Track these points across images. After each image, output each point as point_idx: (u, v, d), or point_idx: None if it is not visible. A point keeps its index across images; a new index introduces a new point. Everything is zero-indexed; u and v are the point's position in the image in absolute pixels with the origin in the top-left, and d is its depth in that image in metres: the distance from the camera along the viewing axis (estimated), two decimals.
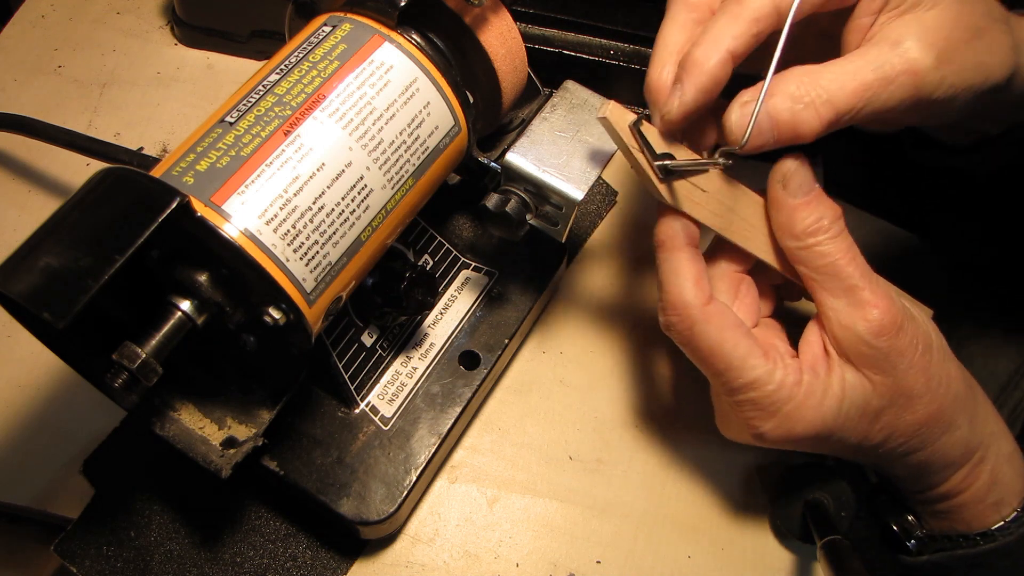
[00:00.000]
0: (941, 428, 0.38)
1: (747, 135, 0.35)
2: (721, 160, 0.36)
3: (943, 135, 0.46)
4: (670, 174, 0.36)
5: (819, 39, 0.40)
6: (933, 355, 0.37)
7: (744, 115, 0.35)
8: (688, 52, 0.36)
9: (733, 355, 0.36)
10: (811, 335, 0.38)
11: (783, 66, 0.35)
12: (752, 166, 0.39)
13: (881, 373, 0.36)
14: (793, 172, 0.37)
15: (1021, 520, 0.39)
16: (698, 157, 0.37)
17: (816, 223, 0.36)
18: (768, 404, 0.36)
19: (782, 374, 0.36)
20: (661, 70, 0.37)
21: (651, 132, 0.36)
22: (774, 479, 0.47)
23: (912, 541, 0.42)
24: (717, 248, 0.40)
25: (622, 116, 0.35)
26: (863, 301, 0.36)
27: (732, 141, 0.36)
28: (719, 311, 0.37)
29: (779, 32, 0.35)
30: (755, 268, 0.40)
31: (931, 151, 0.48)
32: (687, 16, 0.38)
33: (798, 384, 0.36)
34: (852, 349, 0.36)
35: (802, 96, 0.35)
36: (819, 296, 0.37)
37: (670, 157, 0.36)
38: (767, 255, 0.39)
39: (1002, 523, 0.40)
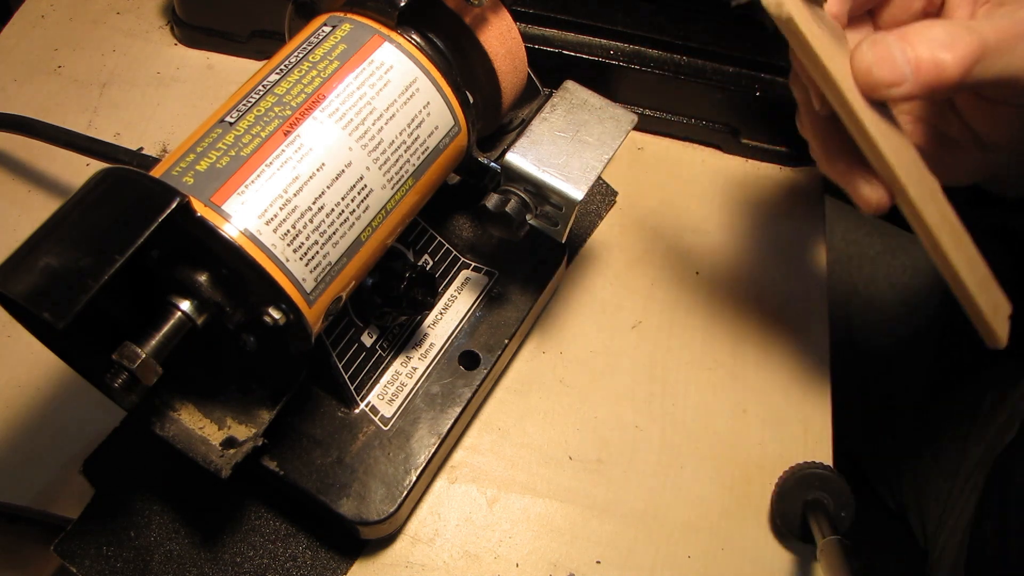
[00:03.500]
0: None
1: None
2: None
3: (1005, 188, 0.44)
4: None
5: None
6: None
7: (876, 50, 0.33)
8: None
9: None
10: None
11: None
12: None
13: None
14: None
15: None
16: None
17: None
18: None
19: None
20: None
21: None
22: (774, 479, 0.47)
23: None
24: None
25: None
26: None
27: (861, 81, 0.33)
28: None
29: None
30: None
31: (988, 209, 0.46)
32: None
33: None
34: None
35: (936, 33, 0.33)
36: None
37: None
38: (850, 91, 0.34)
39: None
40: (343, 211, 0.34)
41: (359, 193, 0.35)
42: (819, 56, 0.32)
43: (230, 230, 0.31)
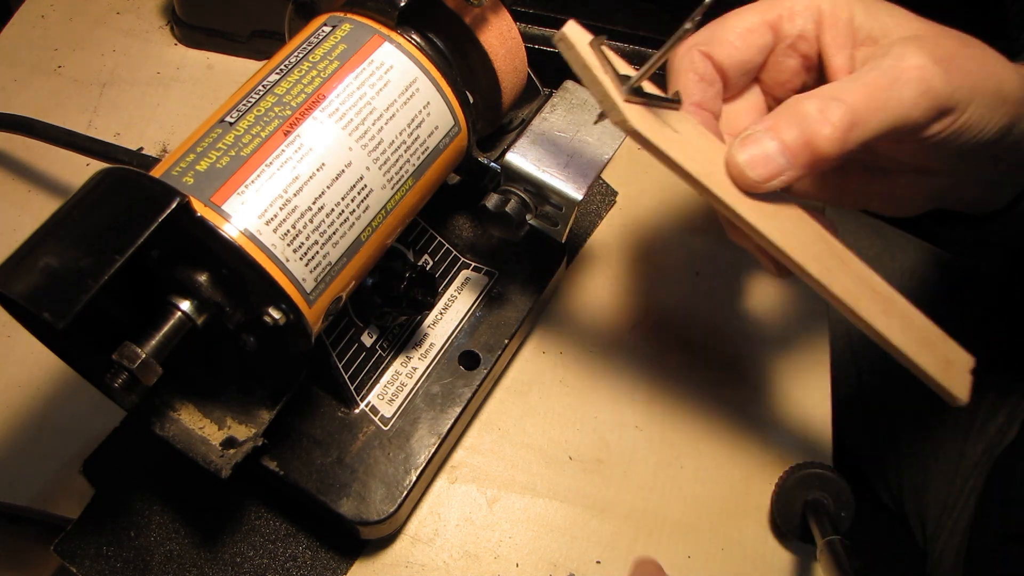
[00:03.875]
0: None
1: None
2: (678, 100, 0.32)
3: (965, 208, 0.43)
4: (638, 93, 0.31)
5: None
6: None
7: (745, 150, 0.33)
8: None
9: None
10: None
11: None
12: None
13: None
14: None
15: None
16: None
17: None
18: None
19: None
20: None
21: (614, 56, 0.32)
22: (774, 479, 0.47)
23: None
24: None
25: (583, 35, 0.32)
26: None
27: (738, 183, 0.33)
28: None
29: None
30: None
31: (952, 225, 0.45)
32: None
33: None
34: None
35: (805, 111, 0.32)
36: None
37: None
38: (728, 194, 0.34)
39: None
40: (343, 211, 0.34)
41: (359, 193, 0.35)
42: (677, 161, 0.31)
43: (230, 230, 0.31)
